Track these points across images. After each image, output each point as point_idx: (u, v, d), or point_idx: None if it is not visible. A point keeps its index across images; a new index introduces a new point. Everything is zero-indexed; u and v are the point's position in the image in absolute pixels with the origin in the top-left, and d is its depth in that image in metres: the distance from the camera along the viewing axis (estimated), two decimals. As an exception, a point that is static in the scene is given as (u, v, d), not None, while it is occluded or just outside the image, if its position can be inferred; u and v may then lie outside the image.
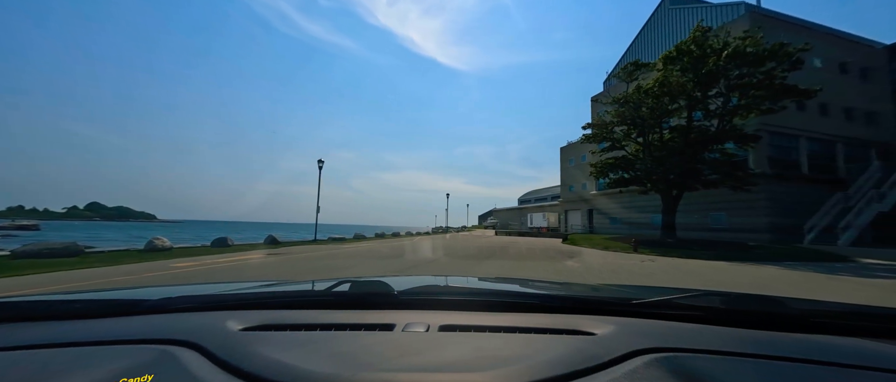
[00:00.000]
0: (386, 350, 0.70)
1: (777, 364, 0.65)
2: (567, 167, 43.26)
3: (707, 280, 7.62)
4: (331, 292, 1.08)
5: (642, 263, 10.56)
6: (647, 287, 1.53)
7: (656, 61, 17.99)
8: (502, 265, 9.80)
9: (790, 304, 1.01)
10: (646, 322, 0.88)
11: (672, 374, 0.60)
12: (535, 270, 8.77)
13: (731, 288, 6.45)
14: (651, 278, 8.04)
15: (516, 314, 0.92)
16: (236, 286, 1.26)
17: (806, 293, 5.98)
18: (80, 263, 8.41)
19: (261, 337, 0.76)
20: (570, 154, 42.88)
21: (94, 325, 0.86)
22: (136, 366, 0.62)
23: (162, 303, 0.98)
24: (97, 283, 6.23)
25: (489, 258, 11.60)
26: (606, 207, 32.58)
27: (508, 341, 0.74)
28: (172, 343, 0.72)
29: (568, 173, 42.93)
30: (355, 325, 0.82)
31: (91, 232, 51.95)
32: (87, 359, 0.67)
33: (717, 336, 0.78)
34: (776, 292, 5.72)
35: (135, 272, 7.56)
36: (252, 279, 5.60)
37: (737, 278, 8.04)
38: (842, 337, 0.81)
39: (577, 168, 41.15)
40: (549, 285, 1.57)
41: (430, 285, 1.15)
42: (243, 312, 0.93)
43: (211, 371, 0.62)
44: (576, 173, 41.31)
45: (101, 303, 1.04)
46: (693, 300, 1.00)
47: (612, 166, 19.89)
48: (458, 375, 0.59)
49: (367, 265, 9.60)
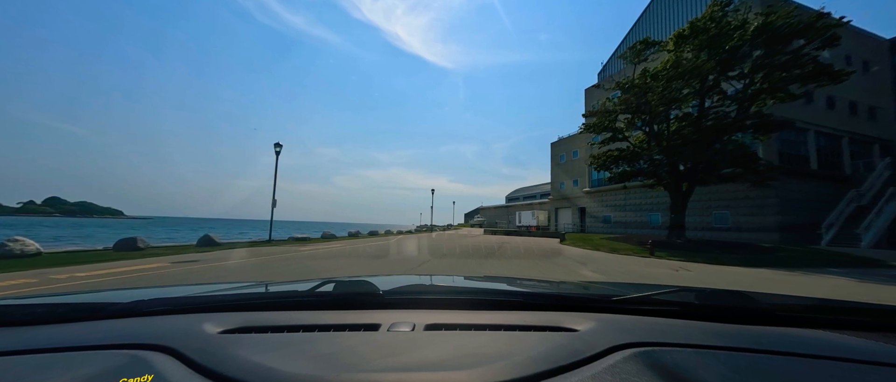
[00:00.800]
0: (370, 351, 0.68)
1: (747, 356, 0.69)
2: (557, 165, 41.50)
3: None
4: (314, 292, 1.05)
5: (677, 272, 8.45)
6: (627, 284, 1.51)
7: (667, 41, 16.08)
8: (508, 269, 7.53)
9: (758, 299, 1.07)
10: (626, 318, 0.91)
11: (650, 368, 0.62)
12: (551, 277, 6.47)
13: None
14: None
15: (501, 312, 0.93)
16: (213, 287, 1.24)
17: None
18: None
19: (240, 340, 0.74)
20: (560, 151, 41.17)
21: (57, 330, 0.82)
22: (103, 373, 0.59)
23: (132, 306, 0.95)
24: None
25: (488, 257, 9.32)
26: (598, 205, 30.86)
27: (493, 338, 0.75)
28: (144, 348, 0.69)
29: (558, 171, 41.16)
30: (339, 326, 0.81)
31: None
32: (48, 367, 0.62)
33: (693, 330, 0.82)
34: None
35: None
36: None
37: (806, 289, 6.15)
38: (806, 330, 0.86)
39: (568, 165, 39.49)
40: (533, 283, 1.57)
41: (416, 284, 1.17)
42: (221, 314, 0.91)
43: (187, 375, 0.60)
44: (567, 171, 39.63)
45: (64, 307, 0.98)
46: (670, 296, 1.05)
47: (616, 158, 17.84)
48: (444, 374, 0.59)
49: (318, 273, 7.09)
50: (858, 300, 1.05)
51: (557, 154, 41.56)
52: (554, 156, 42.28)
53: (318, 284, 1.09)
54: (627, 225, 27.24)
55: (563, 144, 40.89)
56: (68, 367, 0.61)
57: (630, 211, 27.38)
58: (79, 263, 7.59)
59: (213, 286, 1.25)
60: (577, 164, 37.55)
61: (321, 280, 1.14)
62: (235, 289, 1.16)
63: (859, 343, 0.77)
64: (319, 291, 1.05)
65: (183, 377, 0.59)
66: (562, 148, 40.89)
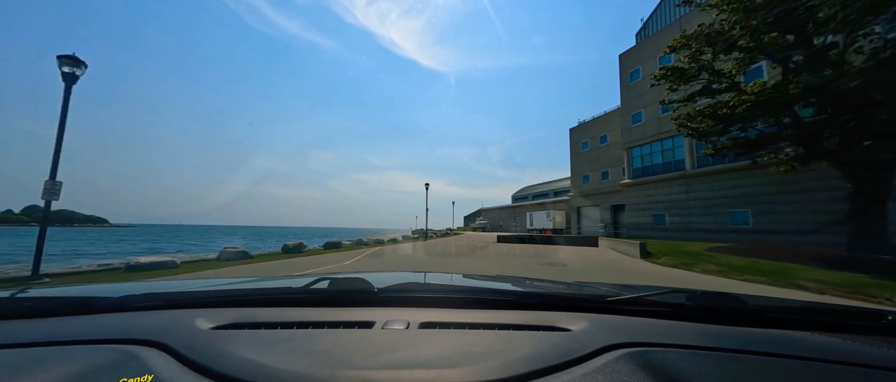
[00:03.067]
0: (365, 348, 0.68)
1: (738, 357, 0.69)
2: (579, 155, 34.01)
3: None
4: (308, 289, 1.04)
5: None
6: (621, 285, 1.45)
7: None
8: None
9: (749, 301, 1.05)
10: (619, 319, 0.90)
11: (641, 368, 0.62)
12: None
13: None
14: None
15: (496, 311, 0.92)
16: (205, 282, 1.23)
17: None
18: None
19: (232, 336, 0.73)
20: (582, 137, 33.66)
21: (46, 324, 0.81)
22: (93, 368, 0.58)
23: (123, 301, 0.93)
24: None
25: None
26: (645, 201, 23.36)
27: (487, 337, 0.74)
28: (135, 343, 0.68)
29: (580, 162, 33.69)
30: (334, 323, 0.81)
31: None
32: (39, 361, 0.61)
33: (684, 331, 0.82)
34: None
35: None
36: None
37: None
38: (797, 331, 0.86)
39: (594, 154, 32.00)
40: (528, 282, 1.52)
41: (412, 282, 1.17)
42: (213, 310, 0.89)
43: (178, 371, 0.59)
44: (592, 161, 32.15)
45: (54, 300, 0.96)
46: (664, 297, 1.03)
47: (740, 117, 10.20)
48: (437, 372, 0.59)
49: None
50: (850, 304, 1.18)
51: (578, 142, 34.12)
52: (573, 144, 34.86)
53: (312, 280, 1.08)
54: (691, 228, 19.84)
55: (585, 128, 33.44)
56: (60, 361, 0.61)
57: (697, 209, 19.93)
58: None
59: (205, 281, 1.25)
60: (607, 151, 30.17)
61: (316, 277, 1.13)
62: (228, 285, 1.16)
63: (850, 346, 0.77)
64: (314, 288, 1.04)
65: (175, 373, 0.58)
66: (585, 134, 33.42)
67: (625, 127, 25.10)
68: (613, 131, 29.00)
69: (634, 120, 24.44)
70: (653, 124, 22.79)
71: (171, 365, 0.60)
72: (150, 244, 33.92)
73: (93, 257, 16.68)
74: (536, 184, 57.12)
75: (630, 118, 24.75)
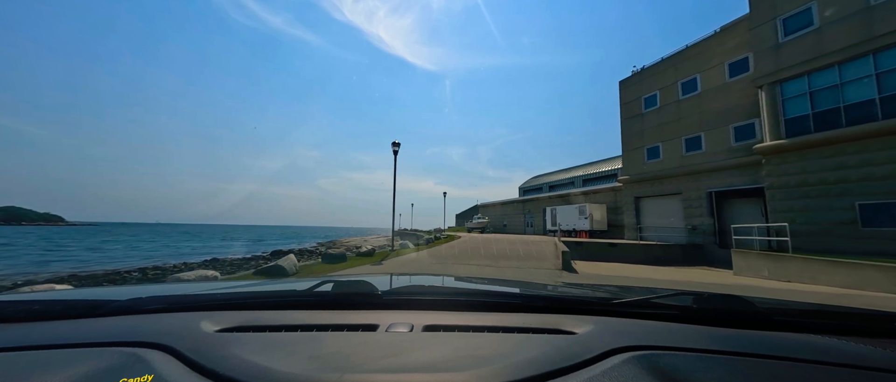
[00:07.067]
0: (369, 351, 0.68)
1: (746, 361, 0.68)
2: (641, 116, 22.23)
3: None
4: (312, 292, 1.04)
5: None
6: (626, 287, 1.46)
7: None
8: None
9: (756, 303, 1.03)
10: (624, 322, 0.88)
11: (648, 371, 0.61)
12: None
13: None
14: None
15: (500, 314, 0.91)
16: (210, 285, 1.24)
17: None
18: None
19: (237, 339, 0.73)
20: (648, 87, 21.75)
21: (54, 327, 0.81)
22: (100, 370, 0.59)
23: (130, 304, 0.94)
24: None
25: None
26: (840, 173, 12.08)
27: (491, 340, 0.74)
28: (141, 346, 0.69)
29: (642, 126, 21.96)
30: (338, 326, 0.81)
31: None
32: (46, 364, 0.61)
33: (691, 334, 0.81)
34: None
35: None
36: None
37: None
38: (805, 334, 0.84)
39: (674, 112, 20.07)
40: (532, 285, 1.53)
41: (415, 285, 1.16)
42: (218, 313, 0.90)
43: (184, 374, 0.59)
44: (664, 124, 20.47)
45: (62, 304, 0.97)
46: (670, 299, 1.01)
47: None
48: (441, 375, 0.59)
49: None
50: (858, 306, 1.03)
51: (635, 99, 22.45)
52: (626, 106, 23.25)
53: (316, 283, 1.09)
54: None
55: (653, 75, 21.63)
56: (66, 364, 0.61)
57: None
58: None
59: (210, 284, 1.27)
60: (700, 104, 18.48)
61: (319, 279, 1.13)
62: (233, 288, 1.17)
63: (860, 350, 0.75)
64: (318, 290, 1.04)
65: (180, 375, 0.59)
66: (651, 84, 21.55)
67: (760, 49, 13.82)
68: (713, 70, 17.75)
69: (787, 28, 13.21)
70: (841, 31, 11.61)
71: (176, 368, 0.61)
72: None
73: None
74: (549, 172, 45.75)
75: (773, 27, 13.51)
